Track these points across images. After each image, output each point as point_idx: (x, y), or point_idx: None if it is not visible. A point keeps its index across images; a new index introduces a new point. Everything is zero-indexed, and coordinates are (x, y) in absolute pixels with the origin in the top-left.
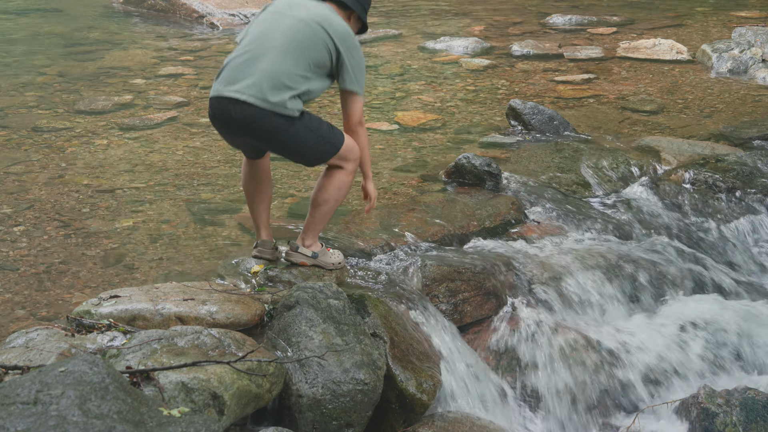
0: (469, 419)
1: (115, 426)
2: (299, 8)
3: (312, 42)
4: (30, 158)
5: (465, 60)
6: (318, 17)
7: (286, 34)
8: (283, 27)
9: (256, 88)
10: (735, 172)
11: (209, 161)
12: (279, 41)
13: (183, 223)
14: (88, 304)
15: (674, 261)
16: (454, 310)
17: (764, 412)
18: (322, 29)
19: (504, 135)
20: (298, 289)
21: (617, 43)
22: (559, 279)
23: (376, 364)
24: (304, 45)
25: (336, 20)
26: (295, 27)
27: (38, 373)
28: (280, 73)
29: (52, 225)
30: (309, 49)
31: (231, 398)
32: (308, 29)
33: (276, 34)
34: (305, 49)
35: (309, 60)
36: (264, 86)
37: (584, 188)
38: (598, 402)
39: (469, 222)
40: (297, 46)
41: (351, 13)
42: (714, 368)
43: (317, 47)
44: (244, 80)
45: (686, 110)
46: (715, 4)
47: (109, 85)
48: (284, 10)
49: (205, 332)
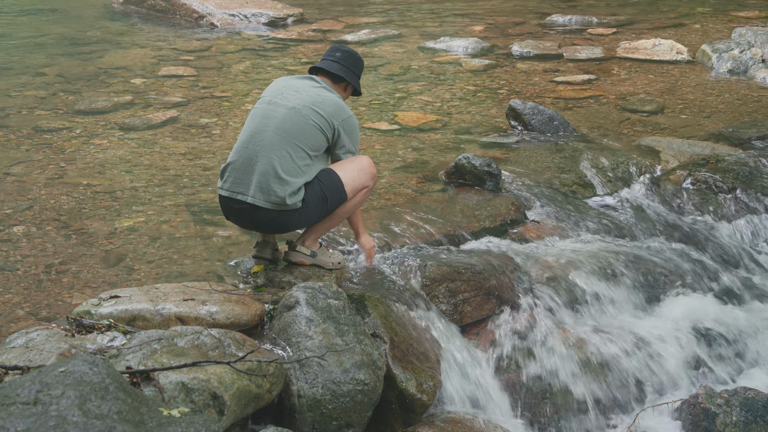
0: (469, 419)
1: (115, 426)
2: (291, 94)
3: (306, 130)
4: (30, 158)
5: (465, 60)
6: (309, 100)
7: (279, 129)
8: (276, 120)
9: (260, 190)
10: (735, 172)
11: (209, 161)
12: (273, 139)
13: (183, 223)
14: (88, 305)
15: (674, 261)
16: (454, 311)
17: (764, 412)
18: (316, 113)
19: (504, 135)
20: (298, 289)
21: (617, 44)
22: (559, 279)
23: (376, 365)
24: (298, 135)
25: (328, 99)
26: (288, 118)
27: (38, 374)
28: (277, 172)
29: (52, 225)
30: (305, 137)
31: (231, 398)
32: (301, 118)
33: (269, 131)
34: (301, 138)
35: (307, 148)
36: (264, 187)
37: (584, 188)
38: (599, 401)
39: (469, 222)
40: (293, 140)
41: (346, 84)
42: (714, 368)
43: (313, 133)
44: (246, 182)
45: (686, 110)
46: (715, 4)
47: (109, 85)
48: (276, 98)
49: (205, 332)
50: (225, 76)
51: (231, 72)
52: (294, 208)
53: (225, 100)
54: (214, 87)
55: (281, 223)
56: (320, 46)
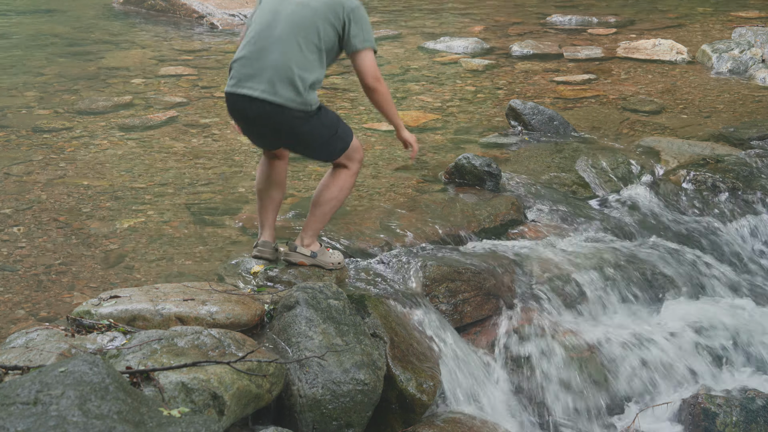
0: (469, 419)
1: (115, 426)
2: None
3: (316, 24)
4: (30, 158)
5: (465, 60)
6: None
7: (289, 22)
8: (285, 14)
9: (270, 84)
10: (735, 172)
11: (209, 161)
12: (284, 31)
13: (183, 223)
14: (88, 305)
15: (674, 261)
16: (454, 311)
17: (764, 412)
18: (324, 4)
19: (504, 135)
20: (298, 289)
21: (617, 44)
22: (559, 279)
23: (376, 365)
24: (309, 30)
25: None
26: (298, 11)
27: (38, 374)
28: (290, 65)
29: (52, 225)
30: (315, 32)
31: (231, 398)
32: (310, 11)
33: (280, 24)
34: (311, 33)
35: (317, 43)
36: (277, 81)
37: (584, 188)
38: (598, 402)
39: (469, 222)
40: (303, 33)
41: None
42: (714, 368)
43: (323, 27)
44: (256, 76)
45: (686, 111)
46: (715, 4)
47: (109, 85)
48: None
49: (205, 332)
50: (225, 76)
51: None
52: (307, 110)
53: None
54: (214, 87)
55: (290, 127)
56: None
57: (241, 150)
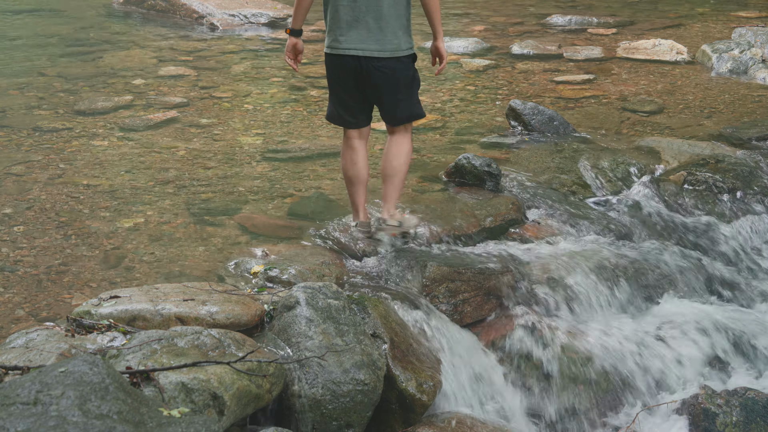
0: (469, 419)
1: (115, 426)
2: None
3: None
4: (30, 158)
5: (465, 60)
6: None
7: None
8: None
9: (378, 40)
10: (735, 172)
11: (209, 161)
12: None
13: (183, 223)
14: (88, 305)
15: (674, 261)
16: (454, 311)
17: (764, 412)
18: None
19: (504, 135)
20: (298, 289)
21: (617, 44)
22: (559, 279)
23: (376, 365)
24: None
25: None
26: None
27: (38, 374)
28: (400, 13)
29: (52, 225)
30: None
31: (231, 398)
32: None
33: None
34: None
35: None
36: (384, 32)
37: (584, 189)
38: (598, 402)
39: (469, 222)
40: None
41: None
42: (714, 368)
43: None
44: (374, 33)
45: (686, 111)
46: (715, 4)
47: (109, 85)
48: None
49: (205, 333)
50: (225, 77)
51: (231, 72)
52: (409, 54)
53: (225, 101)
54: (214, 87)
55: (395, 79)
56: (320, 47)
57: (242, 150)
